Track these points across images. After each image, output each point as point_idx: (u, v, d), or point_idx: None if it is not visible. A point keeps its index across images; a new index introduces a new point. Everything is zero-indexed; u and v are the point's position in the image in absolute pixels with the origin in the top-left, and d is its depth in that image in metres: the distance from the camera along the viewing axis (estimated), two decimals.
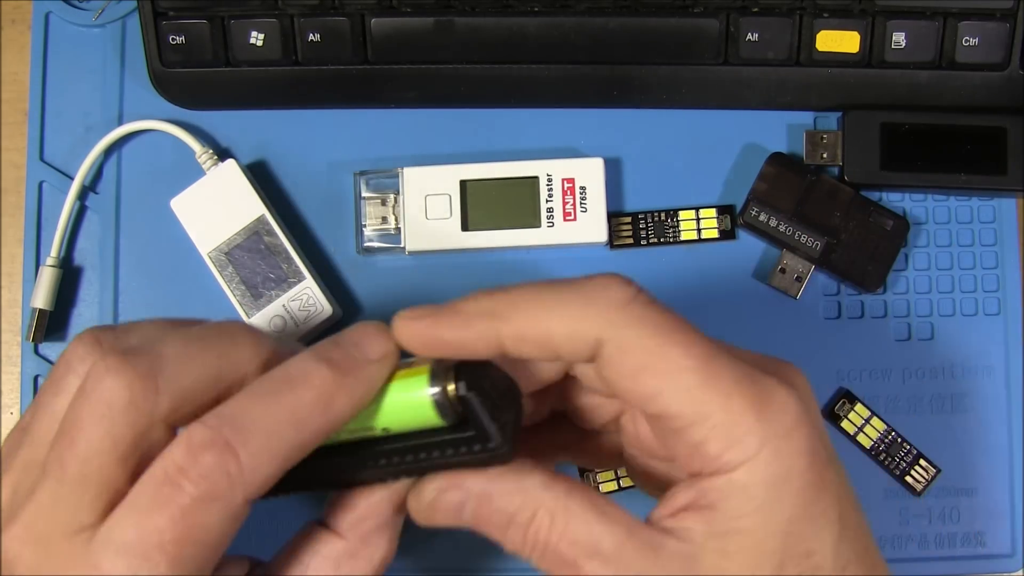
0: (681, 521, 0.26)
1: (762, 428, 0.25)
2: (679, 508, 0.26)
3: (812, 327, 0.41)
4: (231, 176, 0.40)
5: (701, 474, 0.25)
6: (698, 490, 0.25)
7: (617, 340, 0.25)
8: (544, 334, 0.26)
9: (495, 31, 0.40)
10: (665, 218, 0.41)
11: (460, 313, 0.26)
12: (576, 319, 0.25)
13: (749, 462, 0.25)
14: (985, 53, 0.39)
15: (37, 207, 0.41)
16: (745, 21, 0.39)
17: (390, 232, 0.40)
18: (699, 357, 0.25)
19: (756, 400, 0.25)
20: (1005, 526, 0.40)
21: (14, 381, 0.42)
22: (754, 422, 0.25)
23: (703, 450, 0.25)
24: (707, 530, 0.25)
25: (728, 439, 0.25)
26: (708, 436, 0.25)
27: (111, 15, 0.42)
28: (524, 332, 0.26)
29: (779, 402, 0.25)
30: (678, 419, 0.25)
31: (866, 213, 0.40)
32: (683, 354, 0.25)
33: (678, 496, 0.26)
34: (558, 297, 0.26)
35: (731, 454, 0.25)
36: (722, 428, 0.25)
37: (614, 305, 0.25)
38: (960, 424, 0.41)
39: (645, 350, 0.25)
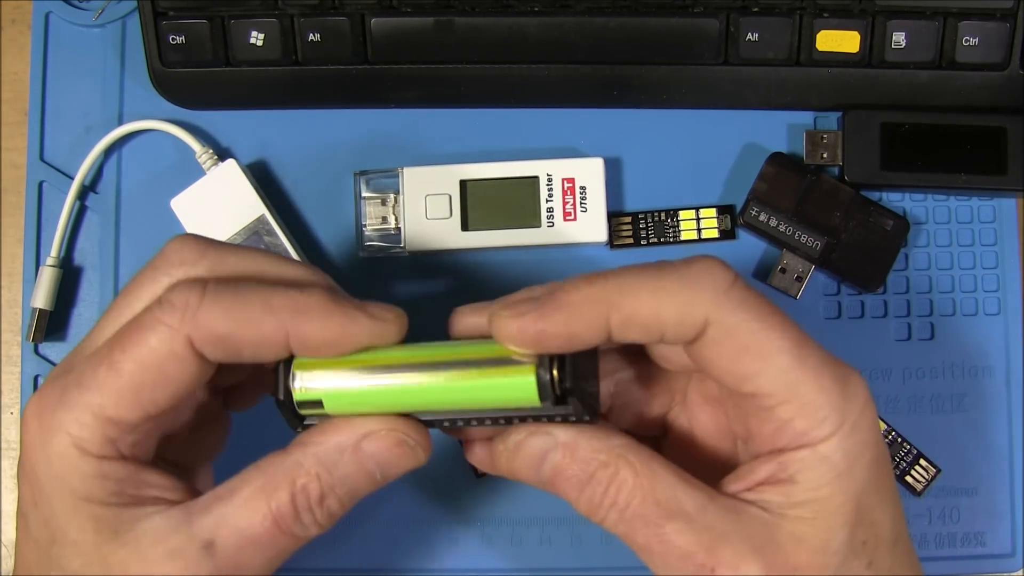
0: (759, 494, 0.27)
1: (844, 404, 0.26)
2: (757, 482, 0.27)
3: (812, 327, 0.41)
4: (231, 176, 0.40)
5: (784, 449, 0.27)
6: (778, 463, 0.27)
7: (723, 322, 0.26)
8: (654, 318, 0.26)
9: (495, 31, 0.40)
10: (665, 218, 0.41)
11: (567, 305, 0.26)
12: (685, 303, 0.26)
13: (832, 436, 0.26)
14: (985, 53, 0.39)
15: (37, 207, 0.41)
16: (745, 21, 0.39)
17: (390, 232, 0.40)
18: (792, 340, 0.27)
19: (840, 378, 0.27)
20: (1005, 526, 0.40)
21: (14, 381, 0.42)
22: (839, 400, 0.26)
23: (791, 426, 0.26)
24: (786, 501, 0.27)
25: (816, 416, 0.26)
26: (798, 413, 0.26)
27: (111, 15, 0.42)
28: (634, 317, 0.26)
29: (854, 383, 0.27)
30: (771, 398, 0.26)
31: (866, 213, 0.40)
32: (780, 336, 0.26)
33: (756, 471, 0.27)
34: (664, 281, 0.27)
35: (818, 430, 0.26)
36: (812, 406, 0.26)
37: (721, 288, 0.26)
38: (960, 424, 0.41)
39: (749, 332, 0.26)
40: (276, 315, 0.26)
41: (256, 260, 0.29)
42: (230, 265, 0.28)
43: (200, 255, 0.28)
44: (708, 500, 0.27)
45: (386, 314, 0.27)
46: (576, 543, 0.40)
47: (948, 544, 0.40)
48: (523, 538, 0.40)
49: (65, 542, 0.27)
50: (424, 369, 0.27)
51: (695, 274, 0.27)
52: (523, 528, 0.40)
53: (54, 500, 0.27)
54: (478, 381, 0.27)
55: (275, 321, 0.26)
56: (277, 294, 0.27)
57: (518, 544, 0.40)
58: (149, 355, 0.26)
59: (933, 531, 0.40)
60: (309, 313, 0.26)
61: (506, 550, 0.40)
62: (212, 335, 0.26)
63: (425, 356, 0.27)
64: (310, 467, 0.27)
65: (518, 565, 0.40)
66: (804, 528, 0.26)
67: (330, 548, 0.40)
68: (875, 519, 0.27)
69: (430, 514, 0.40)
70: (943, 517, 0.40)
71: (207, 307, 0.26)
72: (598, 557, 0.40)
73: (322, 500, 0.27)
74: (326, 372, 0.27)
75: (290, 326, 0.26)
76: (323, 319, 0.27)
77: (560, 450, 0.27)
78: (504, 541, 0.40)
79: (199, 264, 0.28)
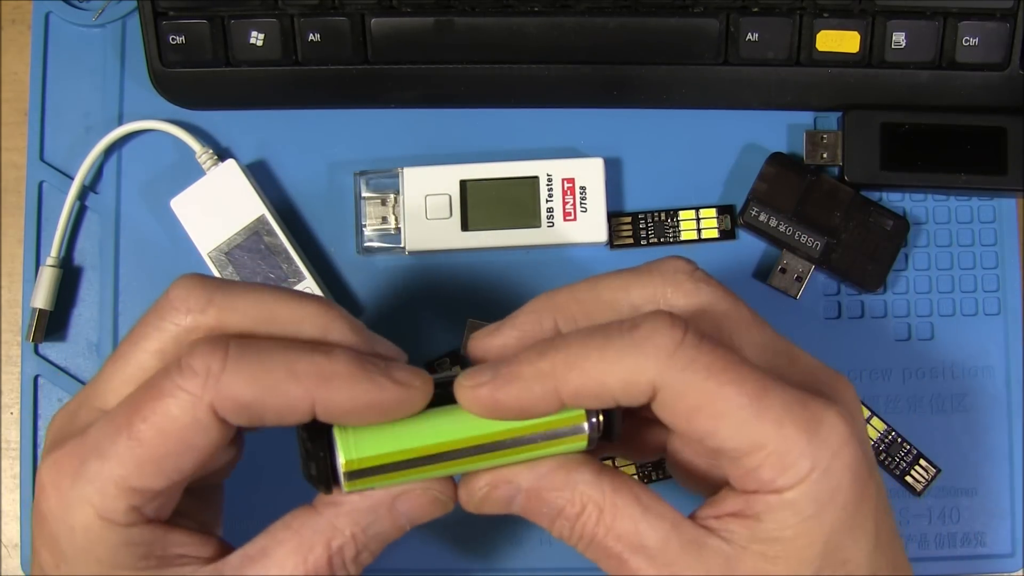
0: (726, 523, 0.27)
1: (813, 451, 0.26)
2: (725, 513, 0.27)
3: (812, 327, 0.41)
4: (231, 176, 0.40)
5: (756, 492, 0.26)
6: (745, 500, 0.27)
7: (671, 386, 0.26)
8: (601, 388, 0.26)
9: (495, 31, 0.40)
10: (665, 218, 0.41)
11: (517, 379, 0.27)
12: (630, 371, 0.26)
13: (800, 483, 0.26)
14: (985, 53, 0.39)
15: (37, 207, 0.41)
16: (745, 21, 0.39)
17: (390, 232, 0.40)
18: (750, 393, 0.26)
19: (807, 425, 0.26)
20: (1005, 526, 0.40)
21: (14, 381, 0.42)
22: (805, 446, 0.26)
23: (757, 475, 0.26)
24: (750, 535, 0.26)
25: (782, 465, 0.26)
26: (763, 463, 0.26)
27: (111, 15, 0.42)
28: (582, 388, 0.26)
29: (828, 424, 0.26)
30: (734, 451, 0.26)
31: (866, 213, 0.40)
32: (736, 392, 0.26)
33: (725, 503, 0.27)
34: (609, 350, 0.26)
35: (784, 478, 0.26)
36: (776, 455, 0.26)
37: (664, 352, 0.26)
38: (960, 424, 0.41)
39: (699, 393, 0.26)
40: (302, 383, 0.26)
41: (266, 303, 0.28)
42: (240, 311, 0.27)
43: (207, 301, 0.27)
44: (671, 531, 0.27)
45: (413, 380, 0.27)
46: None
47: (948, 544, 0.40)
48: (523, 538, 0.40)
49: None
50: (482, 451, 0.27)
51: (640, 338, 0.26)
52: (523, 528, 0.40)
53: (81, 567, 0.27)
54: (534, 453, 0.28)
55: (301, 390, 0.26)
56: (302, 360, 0.26)
57: (518, 544, 0.40)
58: (171, 425, 0.25)
59: (933, 531, 0.40)
60: (335, 382, 0.26)
61: (506, 550, 0.40)
62: (235, 404, 0.26)
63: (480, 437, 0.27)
64: (345, 528, 0.27)
65: (518, 565, 0.40)
66: (766, 565, 0.26)
67: None
68: (847, 557, 0.27)
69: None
70: (943, 517, 0.40)
71: (230, 374, 0.25)
72: None
73: (357, 557, 0.27)
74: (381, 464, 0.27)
75: (316, 394, 0.26)
76: (350, 387, 0.26)
77: (524, 495, 0.28)
78: (504, 541, 0.40)
79: (207, 311, 0.27)
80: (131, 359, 0.28)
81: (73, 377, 0.41)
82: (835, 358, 0.41)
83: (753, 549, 0.26)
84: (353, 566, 0.28)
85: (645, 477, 0.40)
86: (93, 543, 0.26)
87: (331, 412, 0.26)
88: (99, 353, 0.41)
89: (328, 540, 0.27)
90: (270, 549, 0.27)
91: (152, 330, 0.28)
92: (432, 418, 0.27)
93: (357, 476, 0.27)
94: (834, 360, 0.40)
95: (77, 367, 0.41)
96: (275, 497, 0.32)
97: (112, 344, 0.41)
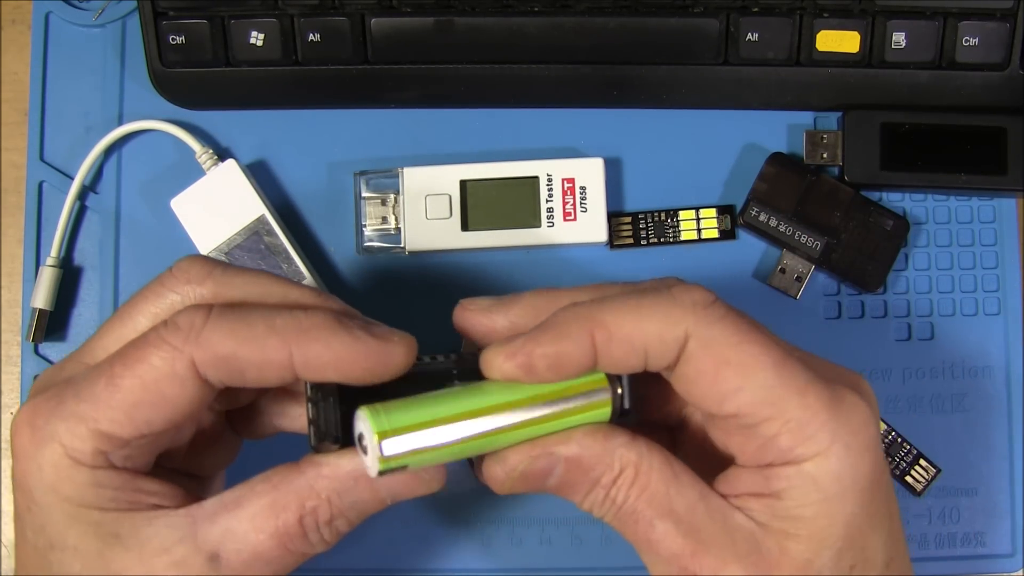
0: (746, 502, 0.27)
1: (834, 424, 0.26)
2: (743, 492, 0.27)
3: (812, 327, 0.41)
4: (231, 176, 0.40)
5: (771, 465, 0.27)
6: (764, 476, 0.27)
7: (702, 336, 0.26)
8: (637, 334, 0.27)
9: (495, 31, 0.40)
10: (665, 218, 0.41)
11: (554, 325, 0.27)
12: (666, 318, 0.27)
13: (819, 455, 0.26)
14: (985, 53, 0.39)
15: (37, 207, 0.41)
16: (745, 21, 0.39)
17: (390, 232, 0.40)
18: (776, 356, 0.26)
19: (829, 400, 0.26)
20: (1005, 526, 0.40)
21: (14, 381, 0.42)
22: (827, 418, 0.26)
23: (776, 443, 0.26)
24: (771, 513, 0.27)
25: (802, 433, 0.26)
26: (782, 430, 0.26)
27: (111, 15, 0.42)
28: (617, 334, 0.27)
29: (850, 403, 0.27)
30: (753, 416, 0.26)
31: (866, 213, 0.40)
32: (762, 351, 0.26)
33: (740, 481, 0.27)
34: (645, 299, 0.27)
35: (804, 447, 0.26)
36: (796, 423, 0.26)
37: (700, 305, 0.27)
38: (960, 424, 0.41)
39: (729, 346, 0.26)
40: (280, 335, 0.26)
41: (262, 283, 0.29)
42: (236, 287, 0.28)
43: (206, 275, 0.28)
44: (699, 499, 0.27)
45: (391, 335, 0.27)
46: (576, 543, 0.40)
47: (948, 544, 0.40)
48: (523, 538, 0.40)
49: (64, 547, 0.27)
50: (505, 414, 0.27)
51: (675, 293, 0.27)
52: (523, 528, 0.40)
53: (48, 507, 0.27)
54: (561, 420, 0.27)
55: (278, 341, 0.26)
56: (281, 315, 0.27)
57: (518, 544, 0.40)
58: (149, 373, 0.26)
59: (933, 531, 0.40)
60: (313, 333, 0.26)
61: (506, 550, 0.40)
62: (215, 356, 0.26)
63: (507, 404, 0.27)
64: (322, 490, 0.27)
65: (518, 565, 0.40)
66: (788, 542, 0.26)
67: None
68: (865, 544, 0.27)
69: (430, 514, 0.40)
70: (943, 517, 0.40)
71: (211, 328, 0.26)
72: (598, 557, 0.40)
73: (331, 522, 0.27)
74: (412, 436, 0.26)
75: (294, 346, 0.26)
76: (327, 340, 0.26)
77: (564, 465, 0.28)
78: (504, 541, 0.40)
79: (205, 283, 0.28)
80: (127, 321, 0.28)
81: None
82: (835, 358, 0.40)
83: (775, 526, 0.26)
84: (326, 530, 0.27)
85: None
86: (60, 481, 0.26)
87: (310, 365, 0.26)
88: None
89: (303, 499, 0.27)
90: (245, 500, 0.27)
91: (152, 295, 0.29)
92: (455, 394, 0.27)
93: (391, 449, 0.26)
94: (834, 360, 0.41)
95: None
96: None
97: None
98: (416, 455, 0.26)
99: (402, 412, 0.26)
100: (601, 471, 0.27)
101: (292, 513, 0.27)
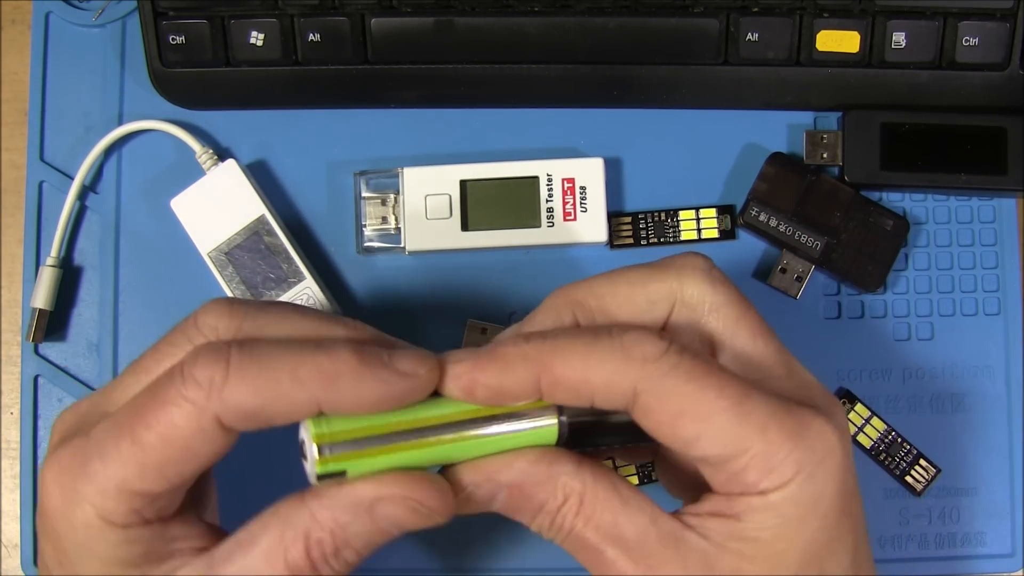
0: (704, 521, 0.27)
1: (798, 454, 0.26)
2: (705, 512, 0.27)
3: (812, 327, 0.41)
4: (231, 176, 0.40)
5: (743, 494, 0.26)
6: (727, 501, 0.27)
7: (653, 390, 0.26)
8: (582, 383, 0.26)
9: (495, 31, 0.40)
10: (665, 218, 0.41)
11: (500, 359, 0.27)
12: (614, 371, 0.26)
13: (784, 487, 0.26)
14: (985, 53, 0.39)
15: (37, 207, 0.41)
16: (745, 21, 0.39)
17: (390, 232, 0.40)
18: (732, 397, 0.26)
19: (792, 429, 0.26)
20: (1005, 526, 0.40)
21: (14, 381, 0.42)
22: (791, 449, 0.26)
23: (742, 478, 0.26)
24: (728, 533, 0.26)
25: (766, 467, 0.26)
26: (747, 465, 0.26)
27: (111, 15, 0.42)
28: (562, 380, 0.27)
29: (815, 431, 0.26)
30: (718, 456, 0.26)
31: (866, 213, 0.40)
32: (717, 396, 0.26)
33: (706, 503, 0.27)
34: (595, 348, 0.27)
35: (768, 480, 0.26)
36: (760, 458, 0.26)
37: (651, 357, 0.26)
38: (960, 424, 0.41)
39: (682, 396, 0.26)
40: (306, 388, 0.26)
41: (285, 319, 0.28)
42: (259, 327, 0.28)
43: (237, 328, 0.28)
44: (650, 524, 0.27)
45: (418, 370, 0.26)
46: None
47: (948, 544, 0.40)
48: (523, 538, 0.40)
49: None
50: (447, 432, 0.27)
51: (626, 343, 0.26)
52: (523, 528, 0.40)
53: (80, 561, 0.27)
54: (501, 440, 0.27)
55: (305, 394, 0.26)
56: (304, 363, 0.26)
57: (518, 544, 0.40)
58: (175, 433, 0.25)
59: (933, 531, 0.40)
60: (339, 382, 0.26)
61: (506, 550, 0.40)
62: (240, 413, 0.26)
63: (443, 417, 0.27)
64: (324, 522, 0.27)
65: (518, 565, 0.40)
66: (743, 564, 0.26)
67: None
68: (823, 568, 0.26)
69: None
70: (943, 517, 0.40)
71: (233, 383, 0.25)
72: None
73: (337, 554, 0.27)
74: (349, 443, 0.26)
75: (321, 397, 0.26)
76: (354, 386, 0.26)
77: (507, 492, 0.28)
78: (504, 541, 0.40)
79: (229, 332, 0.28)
80: (153, 370, 0.28)
81: (73, 377, 0.41)
82: (835, 358, 0.41)
83: (731, 547, 0.26)
84: (335, 561, 0.27)
85: (645, 477, 0.40)
86: (93, 541, 0.26)
87: (338, 412, 0.26)
88: (99, 353, 0.41)
89: (307, 532, 0.27)
90: (257, 538, 0.27)
91: (175, 349, 0.28)
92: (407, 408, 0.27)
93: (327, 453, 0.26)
94: (834, 360, 0.41)
95: (77, 367, 0.41)
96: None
97: (112, 344, 0.41)
98: (351, 460, 0.26)
99: (344, 421, 0.26)
100: (544, 498, 0.27)
101: (299, 547, 0.26)
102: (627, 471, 0.40)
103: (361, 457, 0.27)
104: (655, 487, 0.40)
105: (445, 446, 0.27)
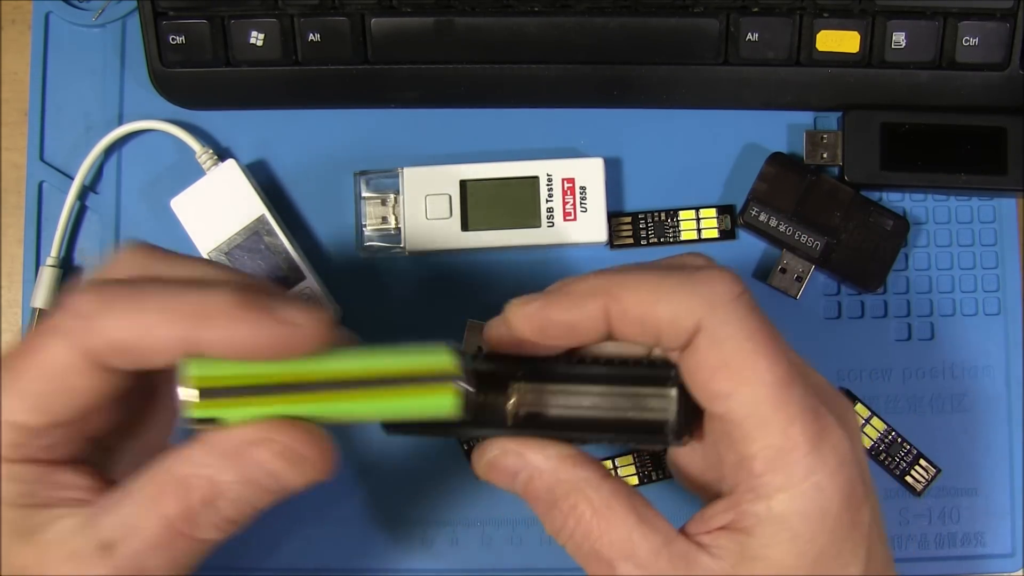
0: (716, 539, 0.27)
1: (811, 461, 0.26)
2: (715, 527, 0.27)
3: (812, 327, 0.41)
4: (231, 176, 0.40)
5: (739, 489, 0.26)
6: (736, 513, 0.26)
7: (712, 332, 0.26)
8: (650, 314, 0.26)
9: (495, 31, 0.40)
10: (665, 218, 0.41)
11: (570, 294, 0.27)
12: (681, 304, 0.26)
13: (790, 491, 0.26)
14: (985, 53, 0.39)
15: (37, 207, 0.41)
16: (745, 21, 0.39)
17: (390, 232, 0.40)
18: (780, 375, 0.26)
19: (814, 434, 0.26)
20: (1005, 526, 0.40)
21: None
22: (806, 453, 0.26)
23: (749, 464, 0.26)
24: (739, 552, 0.26)
25: (776, 462, 0.26)
26: (759, 453, 0.26)
27: (111, 15, 0.42)
28: (631, 311, 0.26)
29: (833, 440, 0.26)
30: (737, 426, 0.26)
31: (866, 213, 0.40)
32: (767, 367, 0.26)
33: (716, 516, 0.27)
34: (667, 280, 0.26)
35: (774, 477, 0.26)
36: (774, 450, 0.26)
37: (720, 298, 0.26)
38: (960, 424, 0.41)
39: (734, 348, 0.26)
40: (176, 324, 0.25)
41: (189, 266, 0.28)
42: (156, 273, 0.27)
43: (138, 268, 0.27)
44: (663, 544, 0.27)
45: (298, 318, 0.25)
46: None
47: (948, 544, 0.40)
48: (523, 538, 0.40)
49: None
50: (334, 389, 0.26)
51: (699, 279, 0.26)
52: (523, 528, 0.40)
53: None
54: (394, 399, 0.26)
55: (175, 330, 0.25)
56: (176, 297, 0.25)
57: (518, 544, 0.40)
58: (49, 362, 0.25)
59: (933, 531, 0.40)
60: (212, 320, 0.25)
61: (506, 550, 0.40)
62: (109, 345, 0.25)
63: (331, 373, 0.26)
64: (200, 470, 0.26)
65: (518, 565, 0.40)
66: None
67: (329, 548, 0.40)
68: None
69: (430, 514, 0.40)
70: (943, 517, 0.40)
71: (103, 316, 0.25)
72: None
73: (212, 504, 0.26)
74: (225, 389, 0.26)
75: (192, 336, 0.25)
76: (227, 326, 0.25)
77: (528, 472, 0.28)
78: (504, 541, 0.40)
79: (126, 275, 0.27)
80: None
81: None
82: (835, 358, 0.41)
83: (742, 569, 0.26)
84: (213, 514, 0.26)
85: (646, 477, 0.40)
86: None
87: (212, 353, 0.25)
88: None
89: (183, 480, 0.26)
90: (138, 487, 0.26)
91: None
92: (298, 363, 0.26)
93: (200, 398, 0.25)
94: (834, 360, 0.41)
95: None
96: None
97: None
98: (227, 407, 0.26)
99: (224, 367, 0.26)
100: (561, 493, 0.27)
101: (173, 495, 0.25)
102: (627, 471, 0.40)
103: (237, 406, 0.26)
104: (656, 487, 0.40)
105: (329, 403, 0.26)
